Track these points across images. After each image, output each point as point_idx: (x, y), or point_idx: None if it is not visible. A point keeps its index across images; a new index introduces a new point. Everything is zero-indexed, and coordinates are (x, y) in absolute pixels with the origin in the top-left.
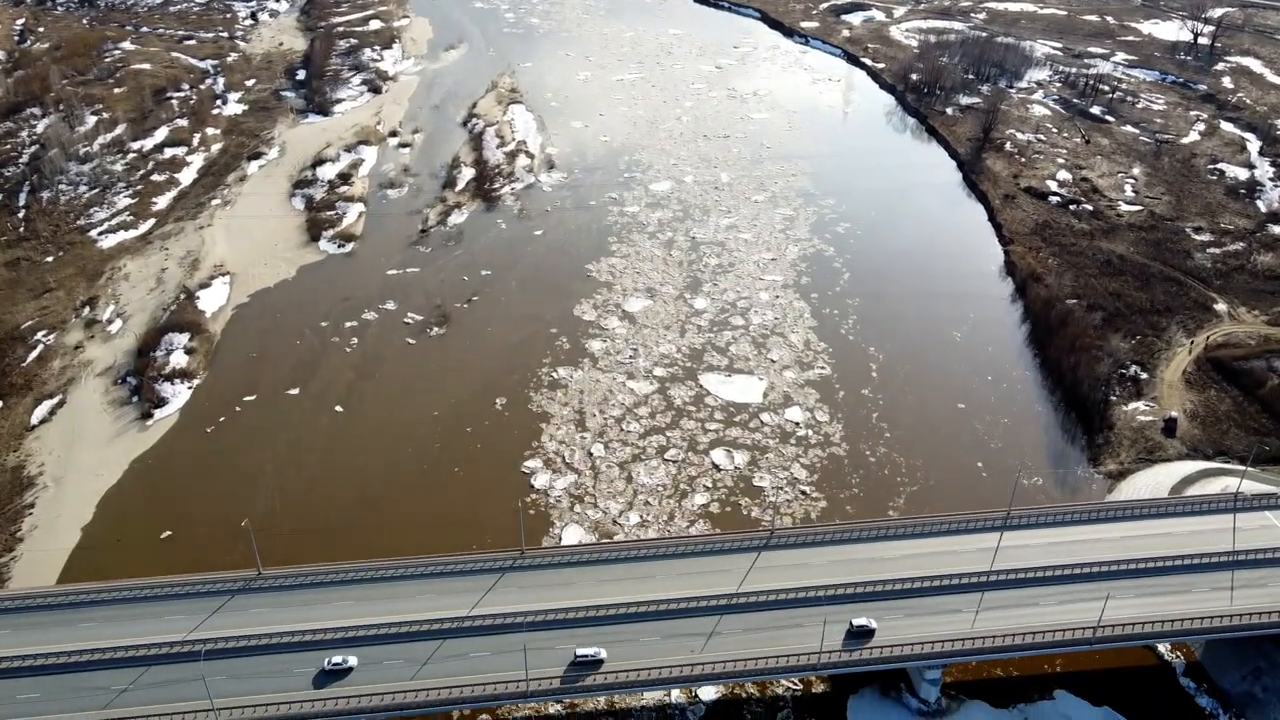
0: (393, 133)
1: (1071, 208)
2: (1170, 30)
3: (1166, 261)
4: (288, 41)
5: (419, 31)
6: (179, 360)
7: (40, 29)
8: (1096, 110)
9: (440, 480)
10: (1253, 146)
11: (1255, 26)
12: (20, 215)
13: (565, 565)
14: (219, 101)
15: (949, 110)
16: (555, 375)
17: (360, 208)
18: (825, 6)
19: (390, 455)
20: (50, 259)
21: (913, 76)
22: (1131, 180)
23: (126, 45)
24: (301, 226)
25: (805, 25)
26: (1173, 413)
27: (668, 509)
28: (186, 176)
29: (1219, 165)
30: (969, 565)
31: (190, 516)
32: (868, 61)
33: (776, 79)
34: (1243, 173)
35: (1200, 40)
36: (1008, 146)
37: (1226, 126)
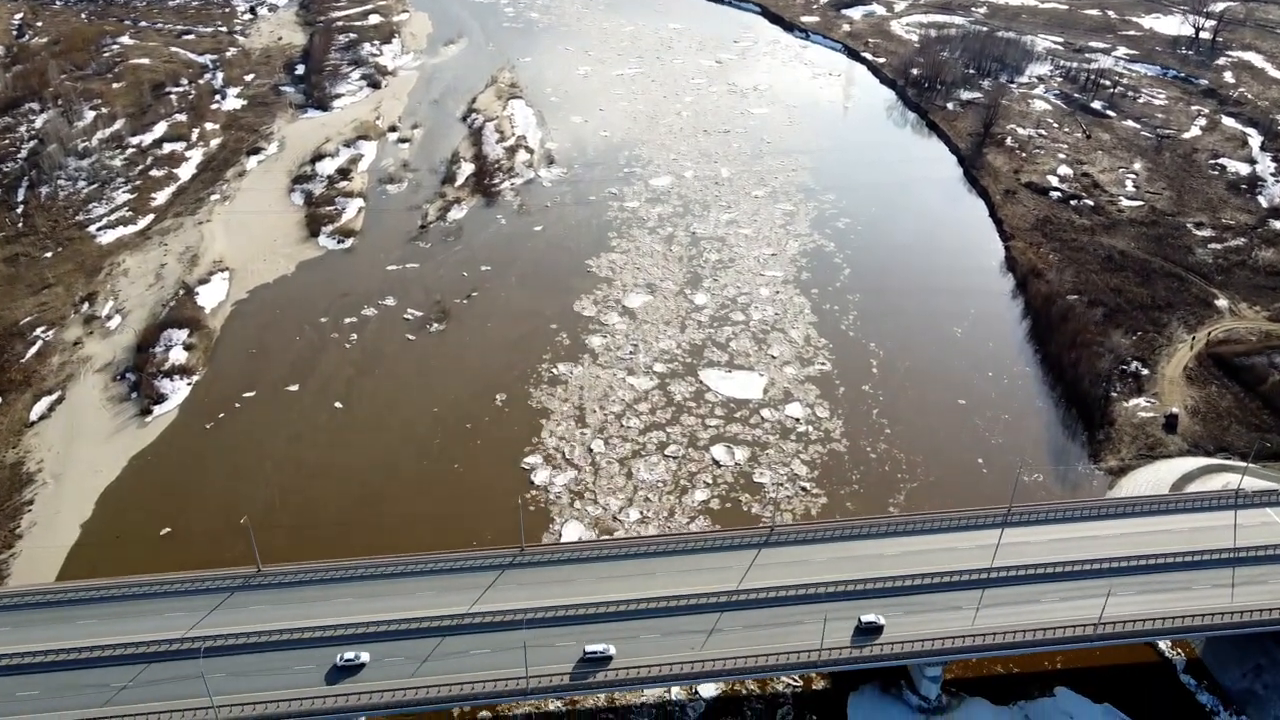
0: (392, 128)
1: (1072, 203)
2: (1171, 25)
3: (1168, 257)
4: (287, 36)
5: (418, 26)
6: (178, 356)
7: (39, 23)
8: (1097, 105)
9: (440, 477)
10: (1254, 141)
11: (1257, 21)
12: (19, 211)
13: (565, 562)
14: (218, 96)
15: (950, 105)
16: (555, 371)
17: (360, 203)
18: (826, 1)
19: (390, 452)
20: (49, 255)
21: (913, 71)
22: (1132, 175)
23: (125, 40)
24: (301, 222)
25: (805, 20)
26: (1174, 409)
27: (668, 505)
28: (185, 172)
29: (1220, 160)
30: (970, 562)
31: (190, 513)
32: (868, 56)
33: (777, 74)
34: (1244, 168)
35: (1202, 35)
36: (1008, 141)
37: (1228, 121)
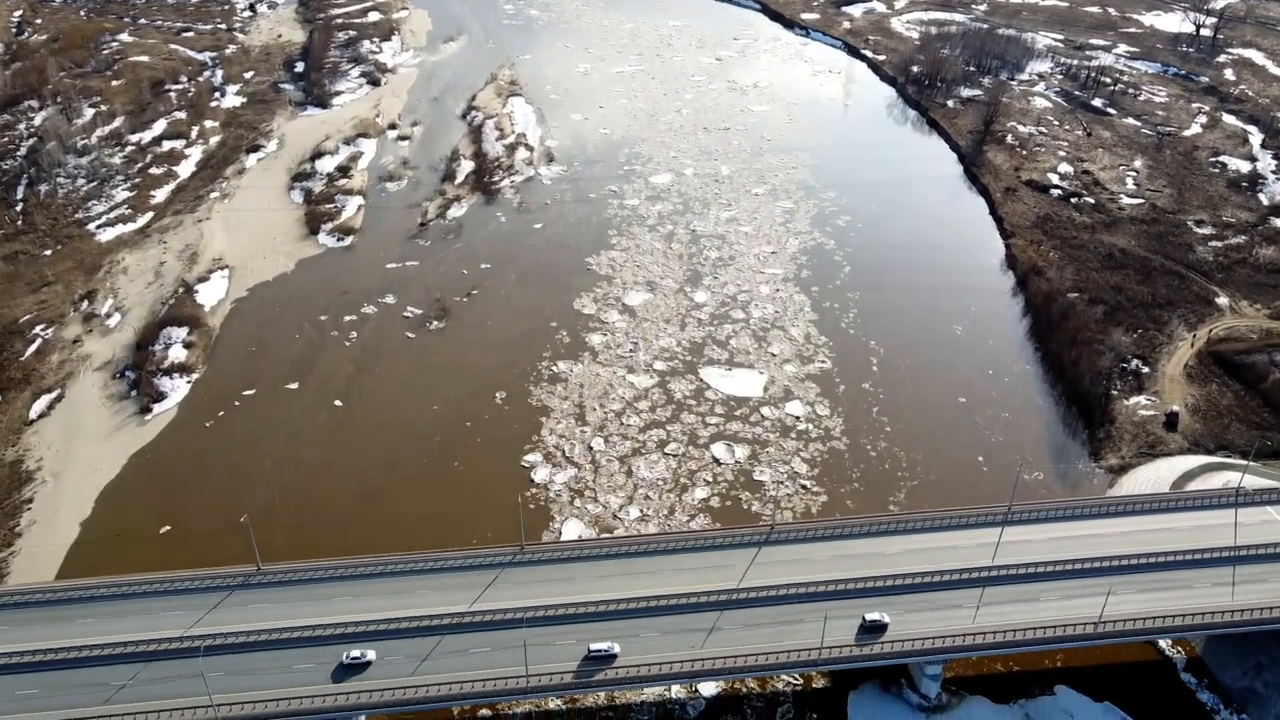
0: (392, 125)
1: (1073, 201)
2: (1172, 22)
3: (1168, 255)
4: (286, 33)
5: (418, 23)
6: (178, 354)
7: (38, 20)
8: (1098, 103)
9: (440, 475)
10: (1255, 139)
11: (1258, 18)
12: (18, 209)
13: (565, 561)
14: (217, 94)
15: (950, 102)
16: (555, 369)
17: (359, 201)
18: None
19: (389, 450)
20: (48, 252)
21: (914, 69)
22: (1133, 173)
23: (124, 37)
24: (300, 220)
25: (806, 17)
26: (1174, 407)
27: (668, 503)
28: (185, 169)
29: (1221, 158)
30: (970, 560)
31: (189, 511)
32: (868, 53)
33: (777, 71)
34: (1245, 165)
35: (1202, 32)
36: (1009, 139)
37: (1228, 119)
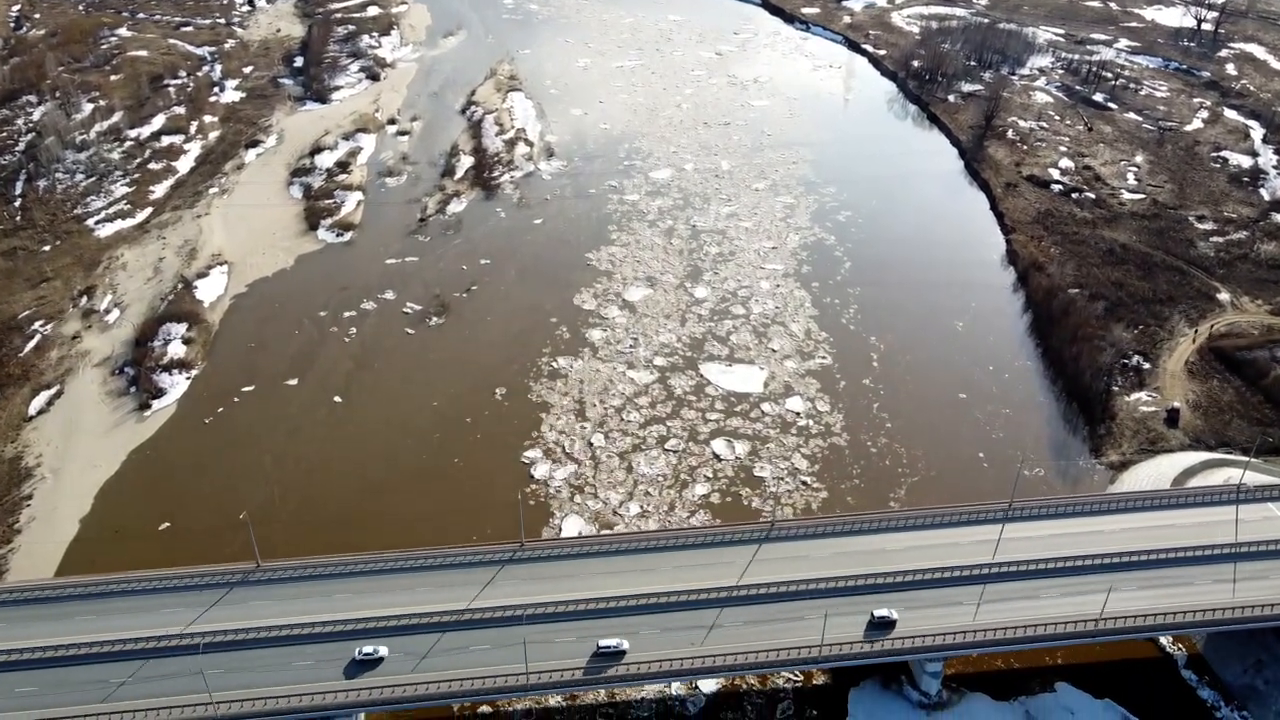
0: (391, 120)
1: (1074, 196)
2: (1174, 16)
3: (1169, 250)
4: (285, 28)
5: (417, 18)
6: (177, 350)
7: (36, 15)
8: (1099, 97)
9: (440, 471)
10: (1256, 134)
11: (1259, 13)
12: (16, 204)
13: (565, 558)
14: (216, 89)
15: (951, 97)
16: (555, 365)
17: (359, 196)
18: None
19: (389, 446)
20: (47, 248)
21: (914, 63)
22: (1134, 168)
23: (123, 32)
24: (299, 215)
25: (806, 11)
26: (1175, 403)
27: (668, 499)
28: (184, 165)
29: (1222, 153)
30: (971, 557)
31: (189, 508)
32: (869, 48)
33: (777, 66)
34: (1246, 160)
35: (1204, 26)
36: (1010, 134)
37: (1230, 114)
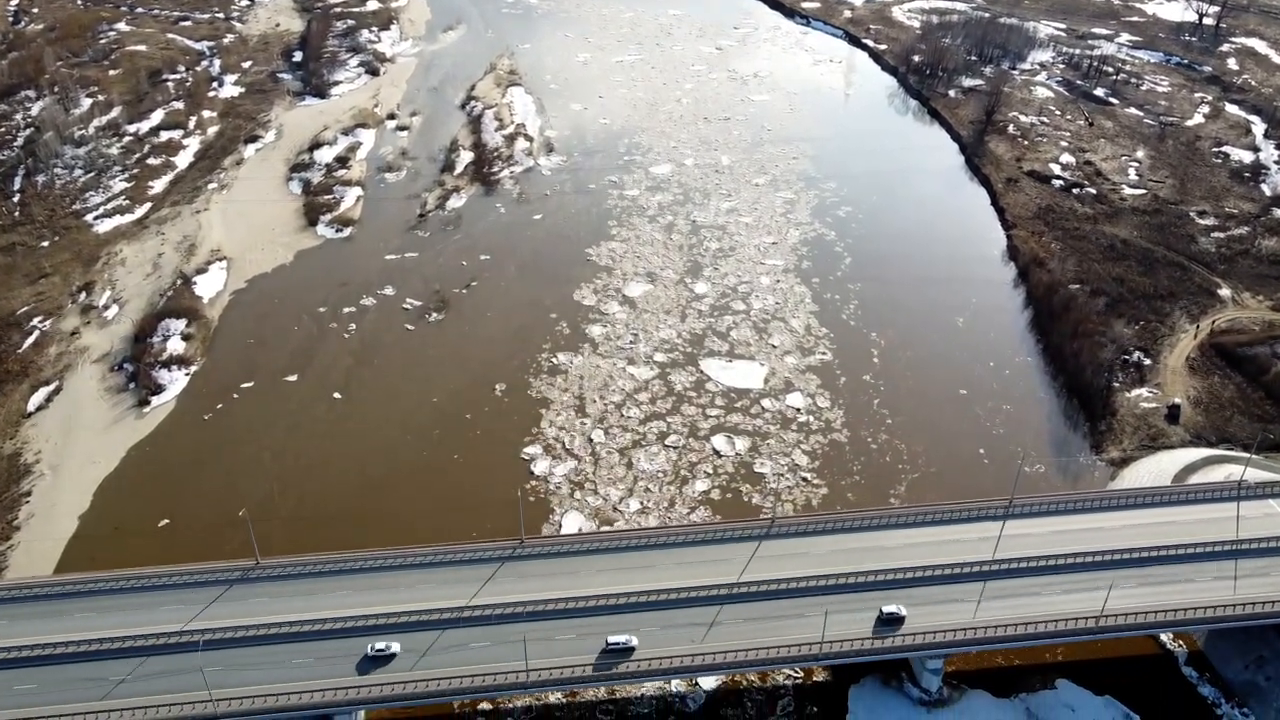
0: (390, 115)
1: (1075, 191)
2: (1175, 10)
3: (1170, 246)
4: (284, 23)
5: (417, 12)
6: (176, 346)
7: (34, 10)
8: (1100, 92)
9: (440, 467)
10: (1257, 129)
11: (1261, 7)
12: (15, 200)
13: (565, 555)
14: (215, 84)
15: (951, 92)
16: (555, 361)
17: (358, 192)
18: None
19: (389, 442)
20: (46, 244)
21: (915, 58)
22: (1135, 163)
23: (121, 26)
24: (299, 211)
25: (806, 5)
26: (1176, 399)
27: (668, 495)
28: (183, 160)
29: (1223, 148)
30: (971, 554)
31: (188, 504)
32: (869, 43)
33: (777, 60)
34: (1247, 156)
35: (1205, 21)
36: (1010, 129)
37: (1231, 109)
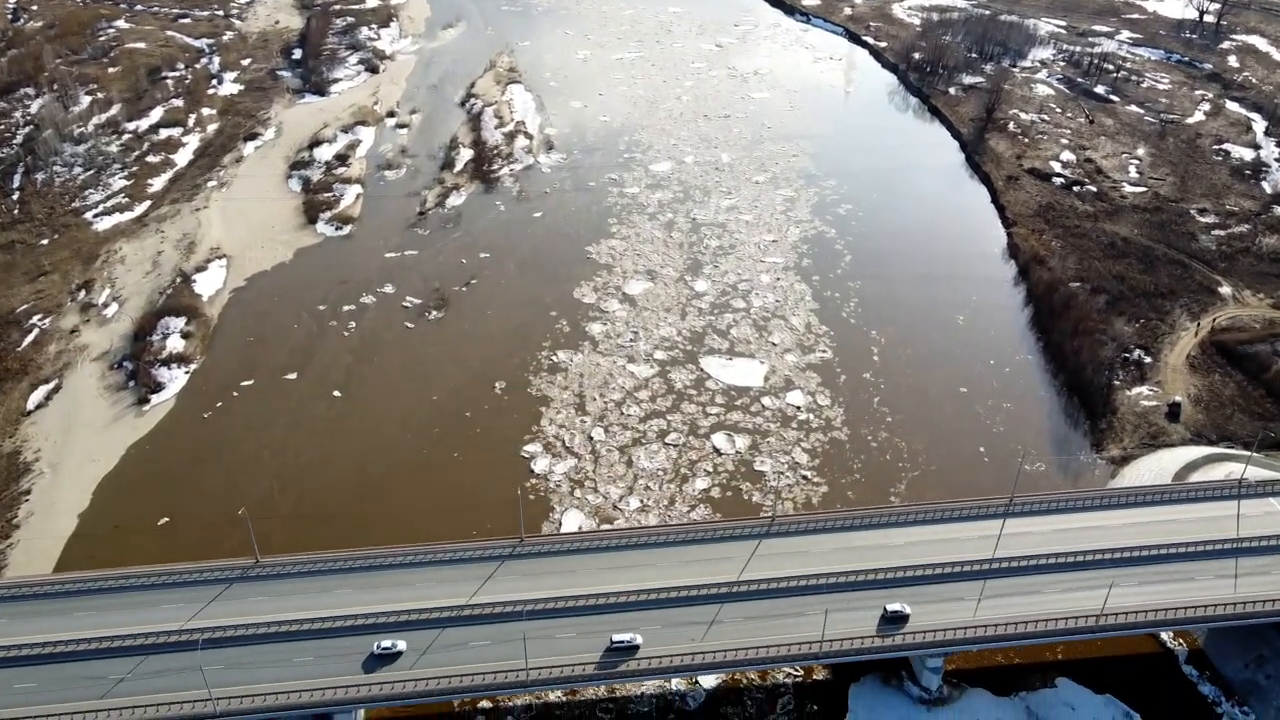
0: (390, 113)
1: (1075, 189)
2: (1176, 7)
3: (1171, 244)
4: (284, 20)
5: (416, 9)
6: (175, 345)
7: (34, 7)
8: (1101, 90)
9: (439, 465)
10: (1258, 126)
11: (1262, 4)
12: (14, 197)
13: (565, 553)
14: (214, 81)
15: (952, 90)
16: (555, 359)
17: (358, 189)
18: None
19: (389, 440)
20: (45, 242)
21: (915, 55)
22: (1136, 161)
23: (121, 24)
24: (298, 208)
25: (807, 2)
26: (1177, 397)
27: (668, 493)
28: (182, 158)
29: (1224, 146)
30: (972, 553)
31: (188, 503)
32: (870, 40)
33: (777, 58)
34: (1248, 153)
35: (1206, 18)
36: (1011, 127)
37: (1232, 106)
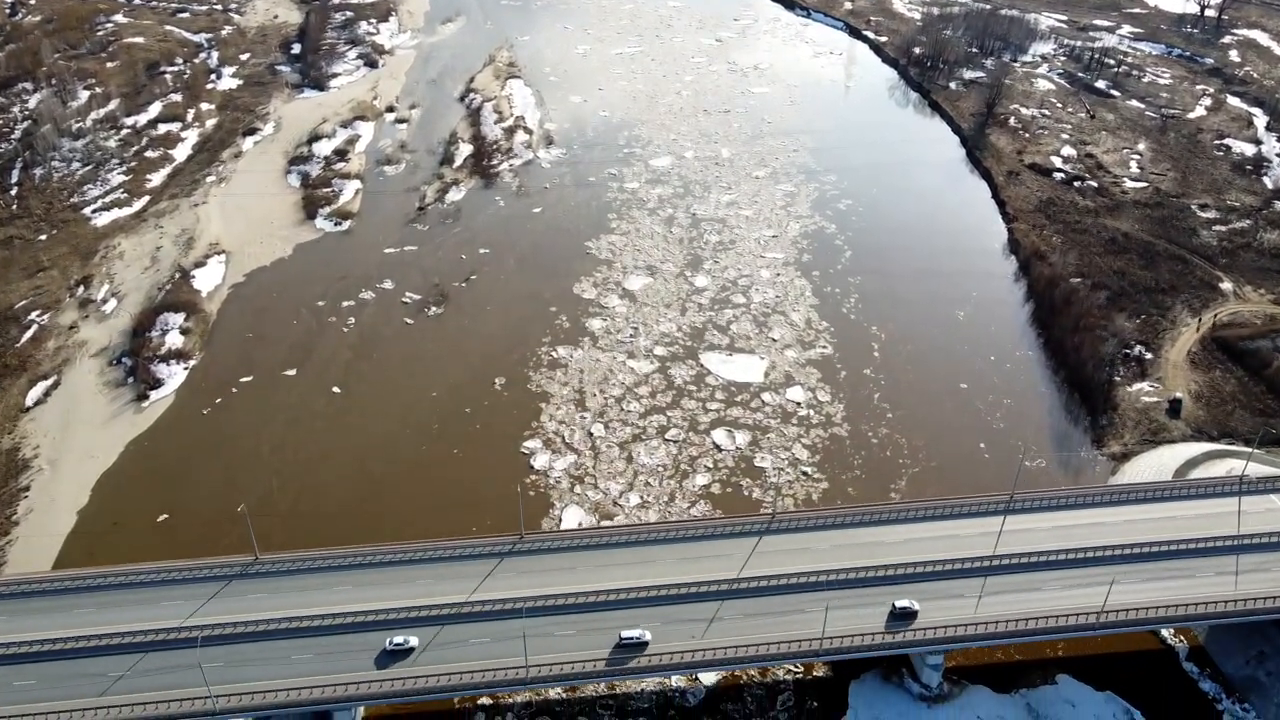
0: (389, 108)
1: (1076, 184)
2: (1177, 2)
3: (1172, 239)
4: (282, 14)
5: (415, 4)
6: (174, 341)
7: (32, 1)
8: (1102, 84)
9: (439, 462)
10: (1259, 121)
11: None
12: (12, 193)
13: (565, 550)
14: (213, 76)
15: (952, 85)
16: (555, 354)
17: (357, 185)
18: None
19: (388, 437)
20: (43, 237)
21: (916, 50)
22: (1137, 156)
23: (119, 18)
24: (298, 204)
25: None
26: (1177, 394)
27: (668, 490)
28: (181, 153)
29: (1225, 141)
30: (972, 549)
31: (187, 500)
32: (870, 35)
33: (777, 52)
34: (1249, 148)
35: (1207, 12)
36: (1012, 122)
37: (1233, 101)
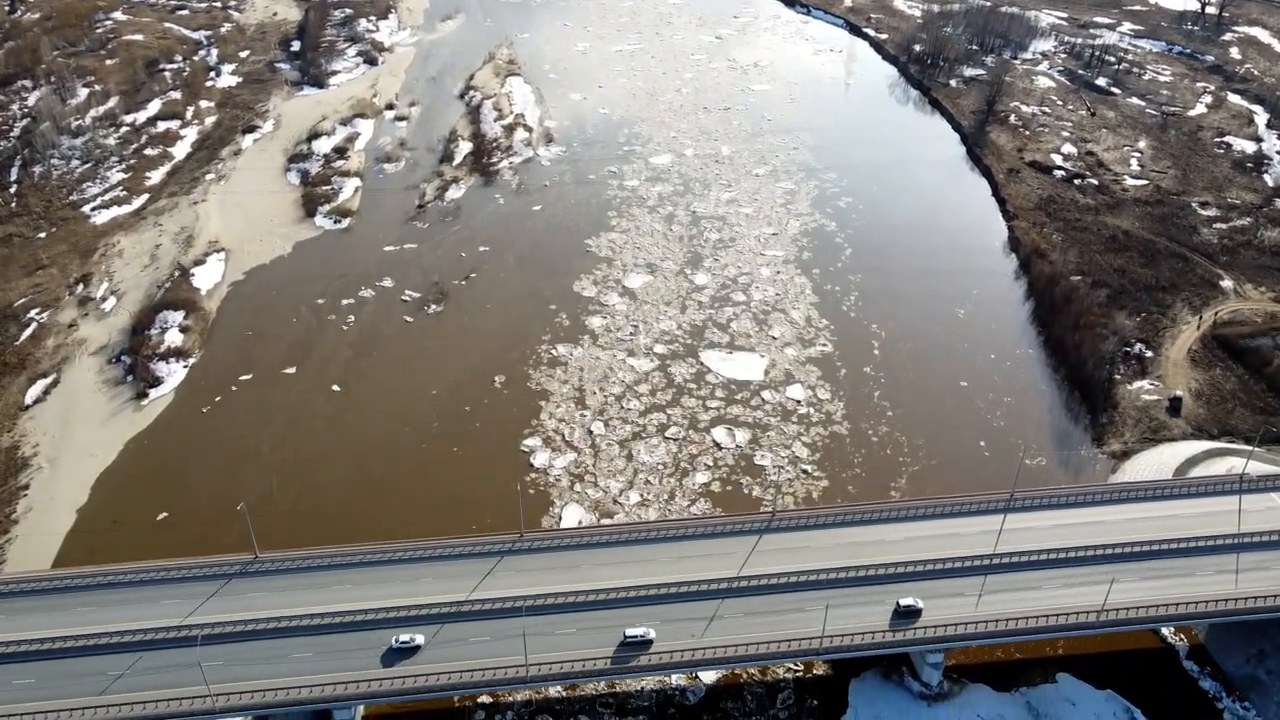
0: (389, 105)
1: (1076, 182)
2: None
3: (1172, 237)
4: (282, 11)
5: (415, 1)
6: (174, 339)
7: None
8: (1102, 82)
9: (439, 460)
10: (1260, 119)
11: None
12: (12, 190)
13: (564, 548)
14: (212, 73)
15: (952, 82)
16: (555, 352)
17: (356, 182)
18: None
19: (388, 435)
20: (43, 235)
21: (916, 48)
22: (1137, 154)
23: (118, 15)
24: (297, 202)
25: None
26: (1178, 392)
27: (668, 488)
28: (180, 150)
29: (1226, 138)
30: (972, 548)
31: (186, 498)
32: (870, 32)
33: (778, 50)
34: (1250, 146)
35: (1208, 10)
36: (1012, 119)
37: (1234, 98)
